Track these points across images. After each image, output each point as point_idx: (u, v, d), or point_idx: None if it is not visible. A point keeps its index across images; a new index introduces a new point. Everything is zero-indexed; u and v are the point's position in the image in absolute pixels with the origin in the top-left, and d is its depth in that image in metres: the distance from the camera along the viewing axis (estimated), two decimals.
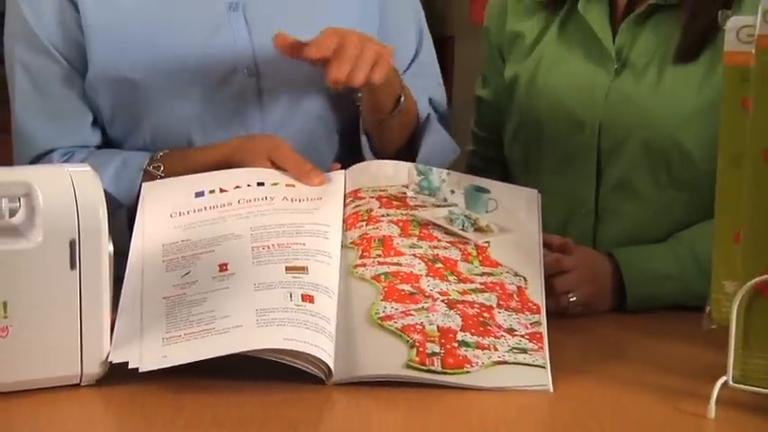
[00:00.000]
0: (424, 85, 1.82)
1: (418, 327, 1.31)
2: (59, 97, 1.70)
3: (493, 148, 1.84)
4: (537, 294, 1.39)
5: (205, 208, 1.46)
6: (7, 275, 1.22)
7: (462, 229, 1.45)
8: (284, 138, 1.60)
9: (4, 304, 1.22)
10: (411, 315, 1.33)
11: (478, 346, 1.30)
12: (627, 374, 1.34)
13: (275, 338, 1.27)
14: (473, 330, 1.32)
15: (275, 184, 1.50)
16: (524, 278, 1.41)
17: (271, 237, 1.40)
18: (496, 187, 1.52)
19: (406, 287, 1.36)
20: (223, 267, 1.36)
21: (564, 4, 1.73)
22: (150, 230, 1.43)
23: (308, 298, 1.33)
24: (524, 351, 1.31)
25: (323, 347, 1.27)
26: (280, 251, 1.38)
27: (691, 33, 1.60)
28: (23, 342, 1.23)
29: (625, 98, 1.64)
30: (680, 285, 1.55)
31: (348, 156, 1.73)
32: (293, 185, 1.50)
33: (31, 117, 1.70)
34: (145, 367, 1.26)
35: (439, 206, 1.48)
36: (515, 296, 1.38)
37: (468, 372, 1.28)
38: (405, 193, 1.49)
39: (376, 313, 1.33)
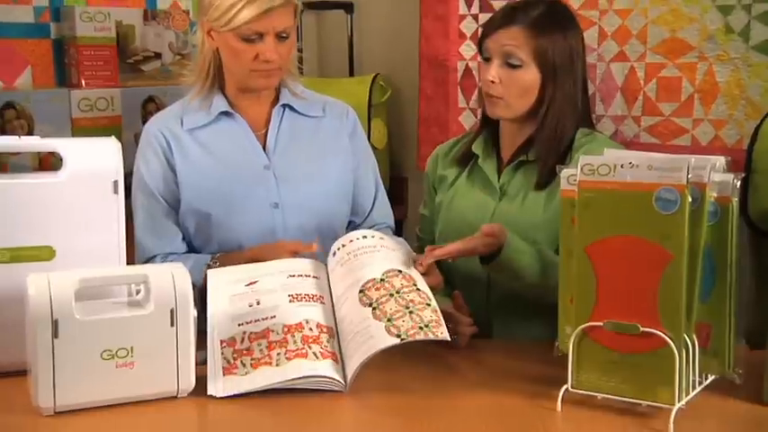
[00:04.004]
0: (385, 215, 1.84)
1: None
2: (162, 223, 1.70)
3: (429, 245, 1.81)
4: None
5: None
6: (133, 331, 1.26)
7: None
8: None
9: (132, 348, 1.25)
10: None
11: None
12: (506, 384, 1.34)
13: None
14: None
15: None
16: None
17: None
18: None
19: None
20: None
21: (470, 161, 1.74)
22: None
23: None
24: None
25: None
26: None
27: (542, 176, 1.62)
28: (142, 371, 1.26)
29: (503, 214, 1.64)
30: (534, 261, 1.49)
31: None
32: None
33: (145, 235, 1.70)
34: (210, 393, 1.29)
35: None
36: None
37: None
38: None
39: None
